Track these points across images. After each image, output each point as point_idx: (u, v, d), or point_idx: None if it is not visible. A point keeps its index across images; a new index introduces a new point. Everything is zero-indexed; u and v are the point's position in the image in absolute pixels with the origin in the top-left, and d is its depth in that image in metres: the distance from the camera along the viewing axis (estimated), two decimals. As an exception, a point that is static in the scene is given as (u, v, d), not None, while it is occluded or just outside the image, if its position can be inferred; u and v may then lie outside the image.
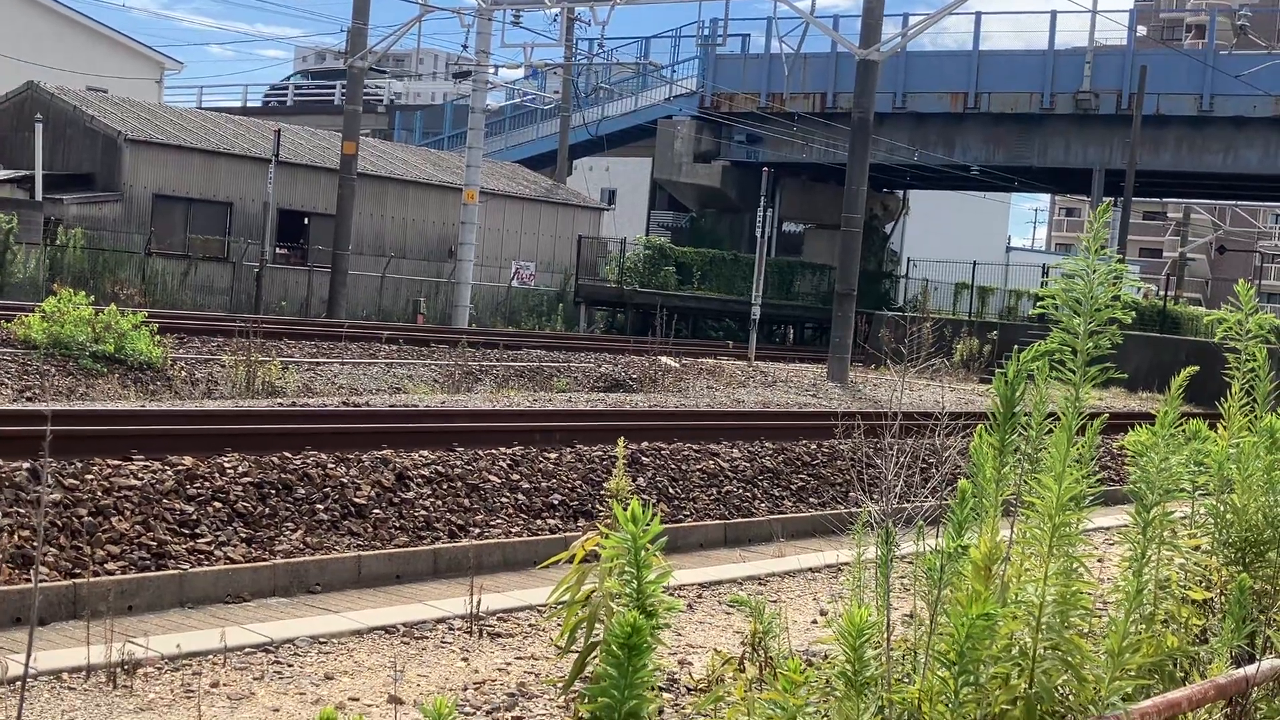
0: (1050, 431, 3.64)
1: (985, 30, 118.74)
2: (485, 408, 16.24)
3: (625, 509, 3.37)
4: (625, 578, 2.44)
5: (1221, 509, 5.08)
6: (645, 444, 13.50)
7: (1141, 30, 63.34)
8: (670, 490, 12.68)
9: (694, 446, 13.96)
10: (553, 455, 12.36)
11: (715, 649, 6.29)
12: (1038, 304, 3.44)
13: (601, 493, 11.79)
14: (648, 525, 2.36)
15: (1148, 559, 3.56)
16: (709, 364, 27.13)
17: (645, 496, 12.27)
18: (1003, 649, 3.42)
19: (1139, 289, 50.35)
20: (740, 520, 12.15)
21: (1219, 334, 5.45)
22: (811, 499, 13.75)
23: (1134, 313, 3.99)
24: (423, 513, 10.12)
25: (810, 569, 9.78)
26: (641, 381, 24.91)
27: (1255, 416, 5.26)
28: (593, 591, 3.01)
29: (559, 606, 3.05)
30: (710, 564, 10.49)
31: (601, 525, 3.32)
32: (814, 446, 15.02)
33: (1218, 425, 5.51)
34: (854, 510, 4.74)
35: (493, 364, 25.16)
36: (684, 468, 13.27)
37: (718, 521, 11.98)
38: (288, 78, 69.61)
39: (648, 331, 34.57)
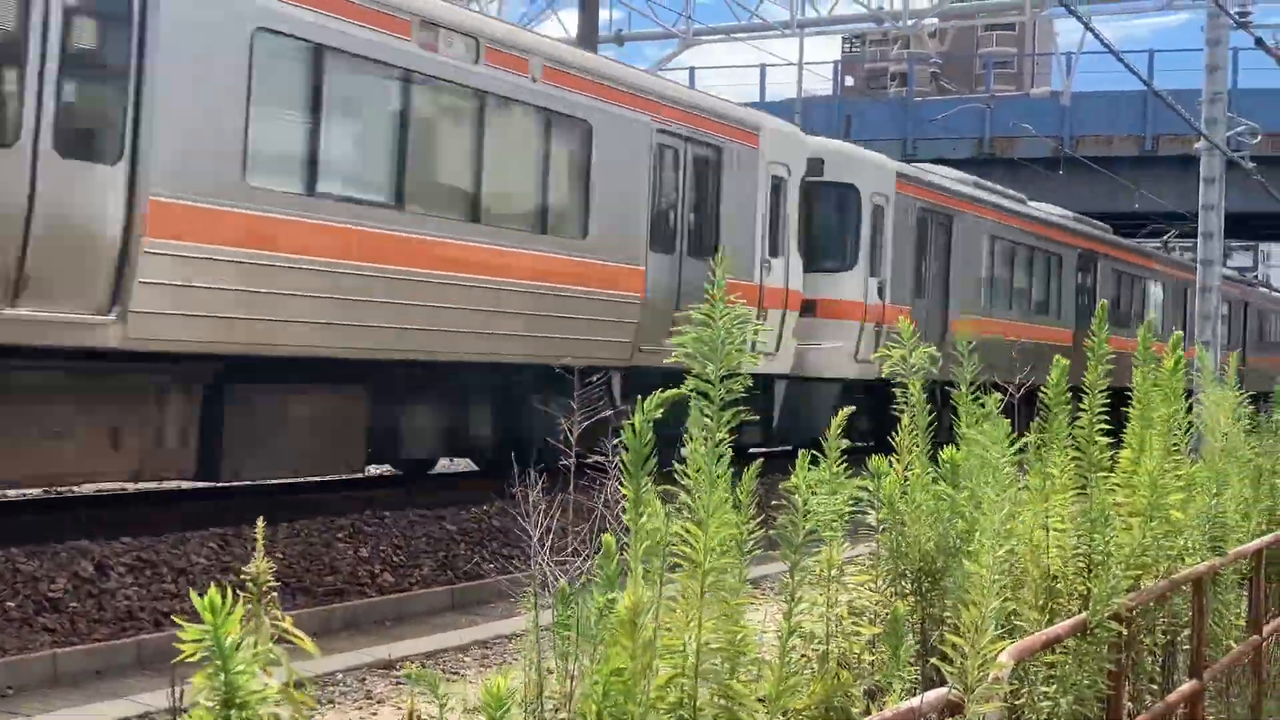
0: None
1: (700, 84, 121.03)
2: (202, 486, 15.64)
3: (263, 595, 3.23)
4: (210, 673, 2.33)
5: (897, 542, 5.20)
6: (368, 513, 13.22)
7: (850, 80, 65.97)
8: (394, 559, 12.42)
9: (420, 512, 13.73)
10: (269, 531, 11.96)
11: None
12: (673, 353, 3.47)
13: (320, 566, 11.49)
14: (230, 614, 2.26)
15: (798, 600, 3.61)
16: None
17: (369, 567, 12.00)
18: (669, 701, 3.41)
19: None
20: (467, 584, 11.98)
21: (886, 370, 5.59)
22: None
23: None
24: (125, 602, 9.65)
25: (542, 627, 9.66)
26: (374, 448, 24.45)
27: (922, 451, 5.39)
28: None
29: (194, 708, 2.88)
30: (436, 631, 10.31)
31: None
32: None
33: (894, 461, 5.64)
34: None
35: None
36: (409, 534, 13.03)
37: (444, 587, 11.78)
38: None
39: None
